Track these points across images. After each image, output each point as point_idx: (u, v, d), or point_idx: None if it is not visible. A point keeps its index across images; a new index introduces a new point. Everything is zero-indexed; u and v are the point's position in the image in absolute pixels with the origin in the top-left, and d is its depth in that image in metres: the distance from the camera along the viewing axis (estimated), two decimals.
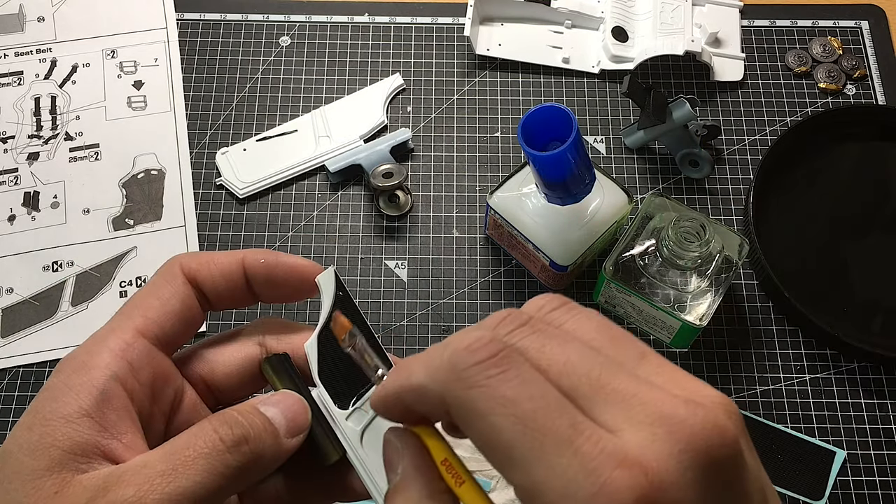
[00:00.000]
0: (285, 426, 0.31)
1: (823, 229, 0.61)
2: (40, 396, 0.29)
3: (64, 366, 0.30)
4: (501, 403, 0.22)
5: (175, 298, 0.33)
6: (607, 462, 0.21)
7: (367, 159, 0.62)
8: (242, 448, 0.29)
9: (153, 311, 0.32)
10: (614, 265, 0.53)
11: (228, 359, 0.35)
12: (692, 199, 0.63)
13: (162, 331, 0.32)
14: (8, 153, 0.65)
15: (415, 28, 0.70)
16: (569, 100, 0.67)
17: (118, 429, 0.29)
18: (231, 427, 0.29)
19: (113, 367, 0.30)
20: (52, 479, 0.27)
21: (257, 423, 0.30)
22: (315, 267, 0.35)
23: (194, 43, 0.69)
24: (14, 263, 0.61)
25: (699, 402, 0.22)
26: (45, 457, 0.27)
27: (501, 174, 0.64)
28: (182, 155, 0.65)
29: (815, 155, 0.63)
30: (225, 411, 0.30)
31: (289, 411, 0.31)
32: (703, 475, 0.21)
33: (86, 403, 0.28)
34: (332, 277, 0.34)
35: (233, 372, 0.35)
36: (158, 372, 0.31)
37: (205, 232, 0.62)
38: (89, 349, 0.30)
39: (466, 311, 0.59)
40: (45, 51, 0.69)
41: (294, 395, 0.32)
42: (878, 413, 0.56)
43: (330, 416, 0.33)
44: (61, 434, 0.28)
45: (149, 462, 0.27)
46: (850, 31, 0.69)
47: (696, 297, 0.52)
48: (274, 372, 0.34)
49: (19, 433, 0.28)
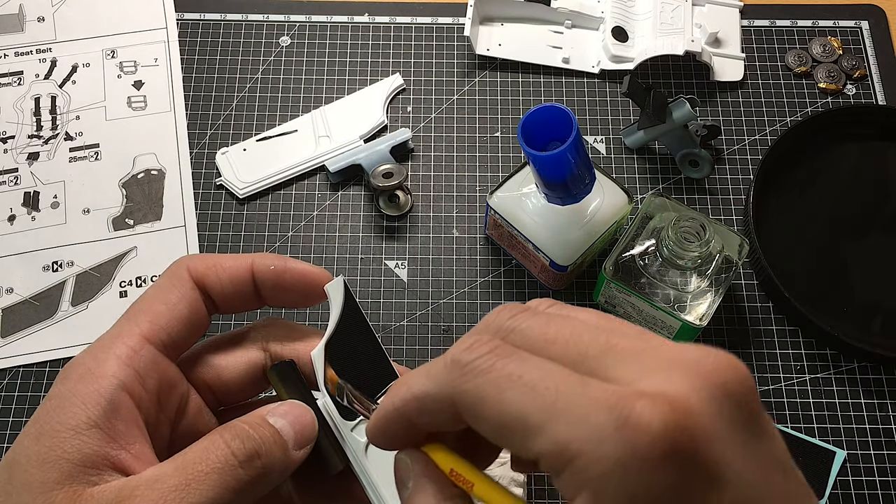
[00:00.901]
0: (294, 438, 0.31)
1: (823, 229, 0.61)
2: (46, 405, 0.29)
3: (69, 372, 0.30)
4: (508, 379, 0.22)
5: (182, 303, 0.32)
6: (627, 398, 0.20)
7: (367, 159, 0.62)
8: (254, 462, 0.29)
9: (161, 316, 0.32)
10: (614, 265, 0.53)
11: (233, 364, 0.34)
12: (692, 199, 0.63)
13: (169, 337, 0.32)
14: (8, 153, 0.65)
15: (415, 28, 0.70)
16: (569, 100, 0.67)
17: (126, 439, 0.29)
18: (243, 441, 0.29)
19: (120, 375, 0.29)
20: (64, 493, 0.27)
21: (267, 436, 0.30)
22: (324, 274, 0.34)
23: (194, 43, 0.69)
24: (14, 263, 0.61)
25: (710, 351, 0.22)
26: (56, 469, 0.27)
27: (501, 174, 0.64)
28: (182, 155, 0.65)
29: (815, 155, 0.63)
30: (235, 424, 0.30)
31: (297, 423, 0.31)
32: (727, 408, 0.21)
33: (94, 414, 0.28)
34: (341, 287, 0.34)
35: (237, 377, 0.34)
36: (164, 379, 0.31)
37: (205, 232, 0.62)
38: (95, 356, 0.30)
39: (466, 311, 0.59)
40: (45, 51, 0.69)
41: (302, 406, 0.32)
42: (878, 413, 0.56)
43: (335, 426, 0.33)
44: (70, 446, 0.27)
45: (161, 476, 0.27)
46: (850, 31, 0.69)
47: (696, 297, 0.52)
48: (280, 380, 0.33)
49: (27, 443, 0.28)
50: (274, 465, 0.29)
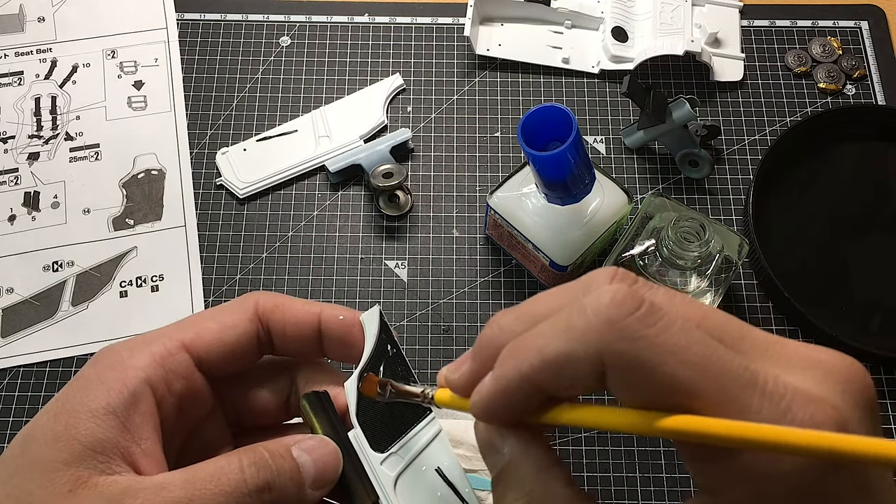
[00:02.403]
0: (313, 477, 0.30)
1: (823, 229, 0.61)
2: (73, 384, 0.29)
3: (102, 357, 0.30)
4: (671, 352, 0.21)
5: (234, 329, 0.32)
6: (796, 399, 0.21)
7: (367, 159, 0.62)
8: (264, 496, 0.28)
9: (208, 333, 0.32)
10: (614, 265, 0.53)
11: (263, 395, 0.34)
12: (692, 199, 0.63)
13: (207, 355, 0.32)
14: (8, 153, 0.65)
15: (415, 28, 0.70)
16: (569, 100, 0.67)
17: (140, 433, 0.29)
18: (258, 470, 0.28)
19: (149, 370, 0.30)
20: (70, 474, 0.27)
21: (286, 468, 0.29)
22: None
23: (194, 43, 0.69)
24: (14, 263, 0.61)
25: (838, 354, 0.23)
26: (66, 449, 0.27)
27: (501, 174, 0.64)
28: (182, 155, 0.65)
29: (815, 155, 0.63)
30: (257, 448, 0.29)
31: (320, 461, 0.30)
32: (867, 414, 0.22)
33: (115, 401, 0.28)
34: (376, 316, 0.33)
35: (264, 407, 0.34)
36: (191, 389, 0.31)
37: (205, 232, 0.62)
38: (132, 347, 0.30)
39: (466, 311, 0.59)
40: (46, 51, 0.69)
41: (330, 445, 0.31)
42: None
43: (366, 460, 0.32)
44: (84, 427, 0.28)
45: (168, 485, 0.27)
46: (849, 31, 0.69)
47: (696, 297, 0.52)
48: (312, 410, 0.33)
49: (44, 420, 0.28)
50: (284, 502, 0.29)
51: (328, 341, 0.34)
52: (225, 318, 0.32)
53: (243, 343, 0.32)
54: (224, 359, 0.32)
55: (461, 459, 0.52)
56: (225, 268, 0.61)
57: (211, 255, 0.61)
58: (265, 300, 0.33)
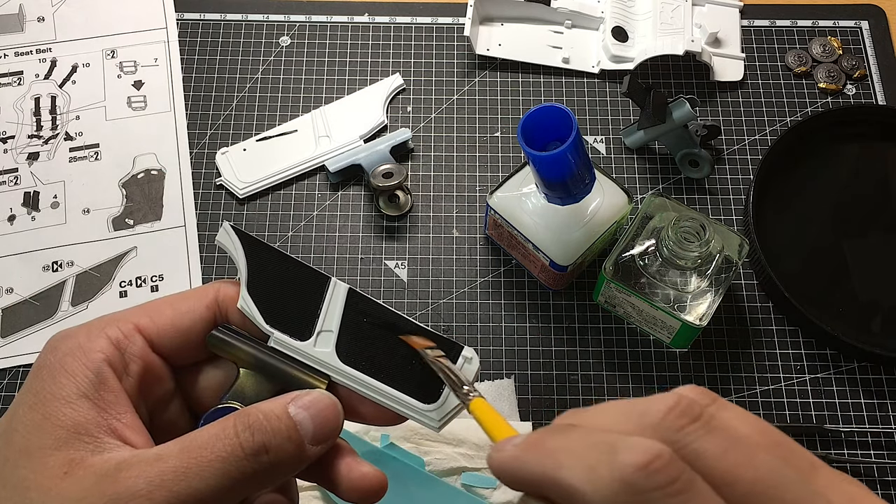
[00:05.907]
0: (312, 433, 0.30)
1: (823, 229, 0.61)
2: (38, 375, 0.29)
3: (59, 344, 0.30)
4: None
5: (188, 316, 0.32)
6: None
7: (367, 159, 0.62)
8: (261, 458, 0.28)
9: (162, 317, 0.32)
10: (614, 265, 0.53)
11: (216, 374, 0.35)
12: (692, 199, 0.63)
13: (160, 339, 0.32)
14: (8, 153, 0.65)
15: (415, 28, 0.70)
16: (569, 100, 0.67)
17: (116, 409, 0.29)
18: (253, 433, 0.28)
19: (107, 352, 0.30)
20: (60, 457, 0.27)
21: (282, 429, 0.29)
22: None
23: (194, 43, 0.69)
24: (14, 263, 0.61)
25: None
26: (51, 436, 0.27)
27: (501, 174, 0.64)
28: (182, 155, 0.65)
29: (815, 155, 0.63)
30: (251, 411, 0.29)
31: (319, 416, 0.30)
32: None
33: (83, 385, 0.29)
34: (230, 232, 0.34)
35: (218, 386, 0.35)
36: (149, 369, 0.32)
37: (205, 232, 0.62)
38: (88, 331, 0.31)
39: (466, 311, 0.59)
40: (45, 51, 0.69)
41: (328, 398, 0.31)
42: (878, 413, 0.56)
43: (299, 353, 0.33)
44: (63, 414, 0.28)
45: (164, 455, 0.27)
46: (850, 31, 0.69)
47: (696, 297, 0.52)
48: (223, 344, 0.33)
49: (21, 412, 0.28)
50: (284, 461, 0.29)
51: None
52: (181, 305, 0.33)
53: (198, 329, 0.33)
54: (178, 343, 0.32)
55: (463, 458, 0.52)
56: (225, 268, 0.61)
57: (211, 255, 0.61)
58: (226, 289, 0.33)
